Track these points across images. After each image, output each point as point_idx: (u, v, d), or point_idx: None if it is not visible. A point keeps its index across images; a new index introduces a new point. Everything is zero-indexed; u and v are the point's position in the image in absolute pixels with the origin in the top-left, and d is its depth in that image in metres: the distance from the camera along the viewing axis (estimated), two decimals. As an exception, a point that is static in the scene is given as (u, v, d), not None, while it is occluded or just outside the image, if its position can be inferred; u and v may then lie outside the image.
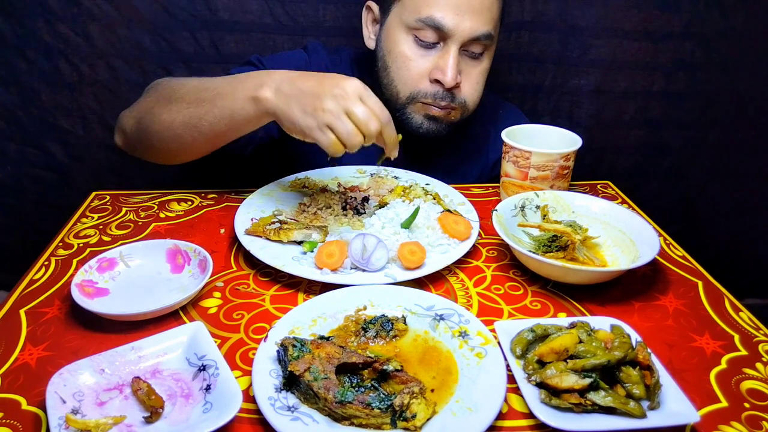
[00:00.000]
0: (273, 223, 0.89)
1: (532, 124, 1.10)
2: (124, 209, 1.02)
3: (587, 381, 0.59)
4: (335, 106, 0.79)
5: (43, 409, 0.59)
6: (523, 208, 0.94)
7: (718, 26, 1.44)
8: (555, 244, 0.88)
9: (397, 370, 0.62)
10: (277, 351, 0.64)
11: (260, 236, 0.88)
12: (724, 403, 0.64)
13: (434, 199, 0.97)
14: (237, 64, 1.19)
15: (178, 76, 1.12)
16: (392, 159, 0.89)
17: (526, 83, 1.51)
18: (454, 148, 1.20)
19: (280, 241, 0.87)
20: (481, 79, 1.08)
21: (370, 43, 1.14)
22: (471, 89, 1.06)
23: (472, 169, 1.22)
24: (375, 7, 1.11)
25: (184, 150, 0.98)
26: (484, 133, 1.21)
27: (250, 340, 0.72)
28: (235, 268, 0.87)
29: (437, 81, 1.02)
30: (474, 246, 0.90)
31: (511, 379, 0.63)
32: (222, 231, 0.96)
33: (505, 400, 0.62)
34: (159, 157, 1.03)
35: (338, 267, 0.82)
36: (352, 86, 0.80)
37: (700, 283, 0.86)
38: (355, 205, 0.98)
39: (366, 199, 1.00)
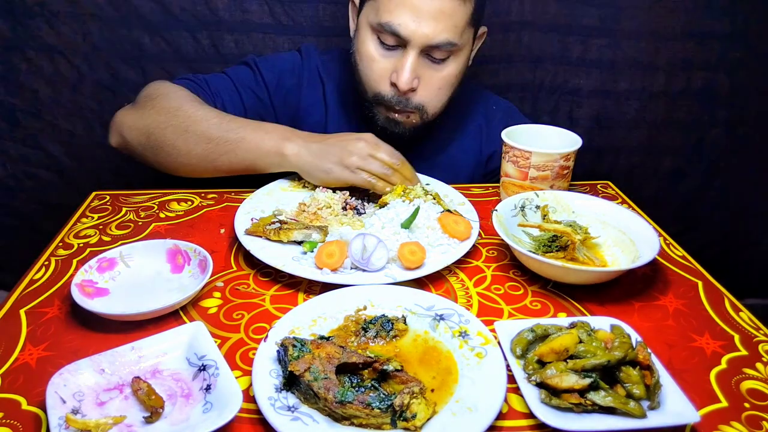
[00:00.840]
0: (273, 223, 0.89)
1: (532, 124, 1.10)
2: (124, 209, 1.02)
3: (587, 381, 0.59)
4: (361, 151, 0.96)
5: (43, 409, 0.59)
6: (523, 208, 0.94)
7: (718, 26, 1.44)
8: (555, 244, 0.88)
9: (397, 370, 0.62)
10: (277, 351, 0.64)
11: (260, 236, 0.88)
12: (724, 403, 0.64)
13: (434, 199, 0.97)
14: (236, 63, 1.19)
15: (177, 77, 1.12)
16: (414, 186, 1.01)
17: (526, 83, 1.51)
18: (448, 144, 1.20)
19: (280, 241, 0.87)
20: (443, 84, 1.06)
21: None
22: (429, 94, 1.05)
23: (467, 163, 1.22)
24: (357, 1, 1.12)
25: (192, 173, 1.05)
26: (476, 128, 1.22)
27: (250, 340, 0.72)
28: (235, 268, 0.87)
29: (395, 84, 1.03)
30: (474, 246, 0.90)
31: (511, 379, 0.63)
32: (222, 231, 0.96)
33: (505, 400, 0.62)
34: (162, 169, 1.06)
35: (338, 267, 0.82)
36: (368, 137, 0.99)
37: (700, 283, 0.86)
38: (355, 205, 0.98)
39: (366, 199, 1.00)
